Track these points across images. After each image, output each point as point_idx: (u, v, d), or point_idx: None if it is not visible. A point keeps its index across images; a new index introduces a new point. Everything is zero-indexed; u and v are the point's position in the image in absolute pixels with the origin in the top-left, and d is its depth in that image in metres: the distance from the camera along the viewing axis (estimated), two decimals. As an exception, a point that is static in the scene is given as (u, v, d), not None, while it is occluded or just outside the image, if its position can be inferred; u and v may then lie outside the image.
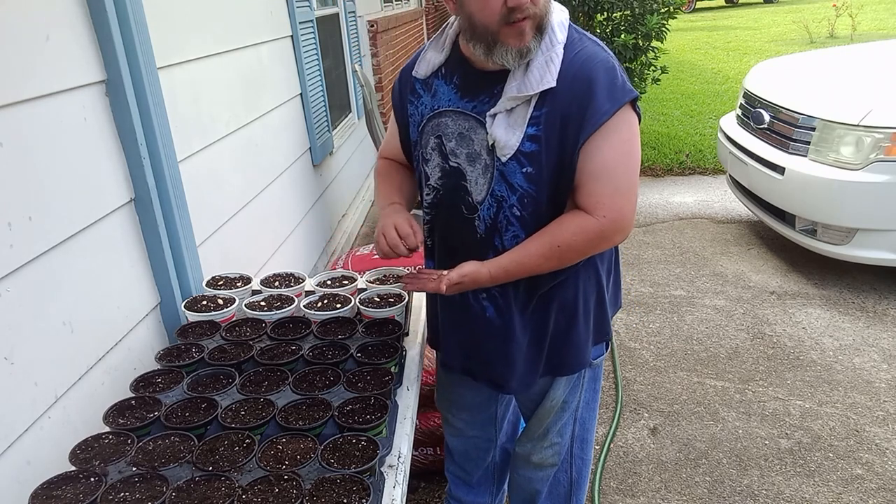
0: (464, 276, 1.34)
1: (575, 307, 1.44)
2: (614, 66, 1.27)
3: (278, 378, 1.36)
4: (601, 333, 1.52)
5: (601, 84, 1.23)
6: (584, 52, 1.26)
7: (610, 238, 1.32)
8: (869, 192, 3.14)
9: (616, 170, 1.27)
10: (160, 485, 1.07)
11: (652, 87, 5.95)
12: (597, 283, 1.47)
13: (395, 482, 1.16)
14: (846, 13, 12.05)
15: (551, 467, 1.66)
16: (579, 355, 1.49)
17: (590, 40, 1.30)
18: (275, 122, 2.90)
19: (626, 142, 1.27)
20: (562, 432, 1.61)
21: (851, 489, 2.19)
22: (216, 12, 2.31)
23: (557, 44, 1.25)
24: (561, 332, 1.46)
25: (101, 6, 1.46)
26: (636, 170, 1.31)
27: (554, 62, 1.24)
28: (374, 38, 5.43)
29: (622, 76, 1.27)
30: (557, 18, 1.28)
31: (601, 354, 1.57)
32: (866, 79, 3.77)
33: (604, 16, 5.64)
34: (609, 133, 1.25)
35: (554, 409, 1.57)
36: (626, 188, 1.29)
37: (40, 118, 1.31)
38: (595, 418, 1.66)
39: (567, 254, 1.32)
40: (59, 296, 1.32)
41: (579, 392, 1.57)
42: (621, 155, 1.27)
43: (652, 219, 4.62)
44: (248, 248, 2.48)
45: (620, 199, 1.28)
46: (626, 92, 1.25)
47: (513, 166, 1.29)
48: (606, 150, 1.25)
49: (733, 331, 3.16)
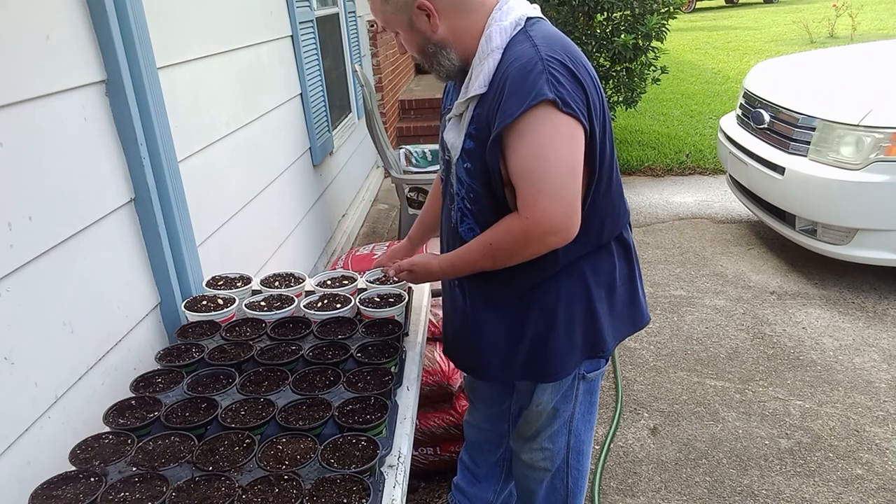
0: (413, 264, 1.49)
1: (555, 314, 1.43)
2: (532, 70, 1.23)
3: (278, 378, 1.36)
4: (594, 348, 1.49)
5: (513, 86, 1.24)
6: (514, 54, 1.28)
7: (539, 239, 1.29)
8: (869, 192, 3.14)
9: (536, 171, 1.25)
10: (160, 485, 1.07)
11: (652, 87, 5.94)
12: (585, 293, 1.44)
13: (395, 482, 1.16)
14: (846, 13, 12.05)
15: (544, 471, 1.66)
16: (558, 364, 1.47)
17: (530, 42, 1.28)
18: (275, 122, 2.90)
19: (544, 143, 1.24)
20: (553, 439, 1.61)
21: (851, 489, 2.19)
22: (216, 12, 2.31)
23: (494, 50, 1.29)
24: (540, 338, 1.45)
25: (101, 6, 1.46)
26: (564, 170, 1.25)
27: (486, 68, 1.29)
28: (374, 38, 5.43)
29: (542, 78, 1.22)
30: (508, 20, 1.30)
31: (596, 369, 1.55)
32: (866, 79, 3.77)
33: (604, 16, 5.64)
34: (523, 134, 1.25)
35: (542, 413, 1.57)
36: (551, 190, 1.25)
37: (40, 118, 1.31)
38: (591, 430, 1.65)
39: (498, 253, 1.34)
40: (59, 296, 1.32)
41: (573, 403, 1.56)
42: (538, 156, 1.25)
43: (652, 219, 4.62)
44: (248, 248, 2.48)
45: (544, 200, 1.25)
46: (535, 94, 1.22)
47: (459, 162, 1.40)
48: (522, 152, 1.26)
49: (733, 331, 3.16)
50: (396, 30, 1.38)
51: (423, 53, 1.39)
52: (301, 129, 3.32)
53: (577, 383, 1.54)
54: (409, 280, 1.56)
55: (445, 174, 1.50)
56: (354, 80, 4.54)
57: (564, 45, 1.30)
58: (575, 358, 1.49)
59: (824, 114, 3.34)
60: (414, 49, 1.39)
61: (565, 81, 1.24)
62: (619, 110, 6.01)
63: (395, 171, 3.96)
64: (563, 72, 1.25)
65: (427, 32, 1.34)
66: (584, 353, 1.49)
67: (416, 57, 1.41)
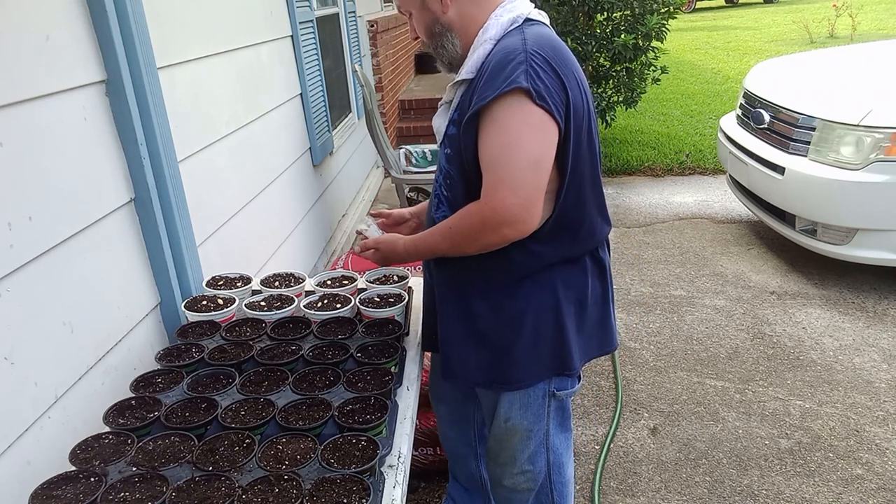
0: (379, 243, 1.53)
1: (522, 322, 1.42)
2: (513, 59, 1.24)
3: (278, 378, 1.36)
4: (562, 365, 1.46)
5: (493, 71, 1.27)
6: (503, 44, 1.31)
7: (494, 229, 1.28)
8: (869, 192, 3.14)
9: (500, 159, 1.26)
10: (160, 485, 1.07)
11: (652, 87, 5.94)
12: (554, 305, 1.42)
13: (395, 482, 1.16)
14: (846, 13, 12.05)
15: (527, 492, 1.64)
16: (520, 373, 1.46)
17: (520, 36, 1.30)
18: (275, 121, 2.90)
19: (511, 131, 1.25)
20: (533, 460, 1.58)
21: (851, 489, 2.19)
22: (216, 12, 2.31)
23: (486, 40, 1.33)
24: (504, 344, 1.44)
25: (101, 6, 1.46)
26: (528, 161, 1.25)
27: (476, 56, 1.33)
28: (374, 38, 5.43)
29: (521, 68, 1.23)
30: (507, 17, 1.33)
31: (566, 388, 1.52)
32: (866, 79, 3.77)
33: (604, 16, 5.64)
34: (493, 121, 1.26)
35: (514, 433, 1.54)
36: (511, 181, 1.25)
37: (40, 118, 1.31)
38: (569, 441, 1.63)
39: (456, 237, 1.35)
40: (59, 296, 1.32)
41: (545, 420, 1.54)
42: (504, 144, 1.25)
43: (652, 219, 4.62)
44: (248, 249, 2.48)
45: (504, 189, 1.25)
46: (510, 81, 1.22)
47: (442, 148, 1.43)
48: (491, 138, 1.27)
49: (733, 331, 3.16)
50: (410, 10, 1.41)
51: (429, 34, 1.42)
52: (301, 129, 3.32)
53: (549, 401, 1.52)
54: (374, 259, 1.56)
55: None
56: (354, 80, 4.54)
57: (554, 46, 1.30)
58: (539, 370, 1.46)
59: (824, 114, 3.34)
60: (422, 29, 1.42)
61: (544, 76, 1.24)
62: (619, 110, 6.01)
63: (395, 171, 3.96)
64: (545, 67, 1.25)
65: (437, 12, 1.38)
66: (552, 369, 1.47)
67: (424, 39, 1.44)
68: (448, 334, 1.51)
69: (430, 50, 1.45)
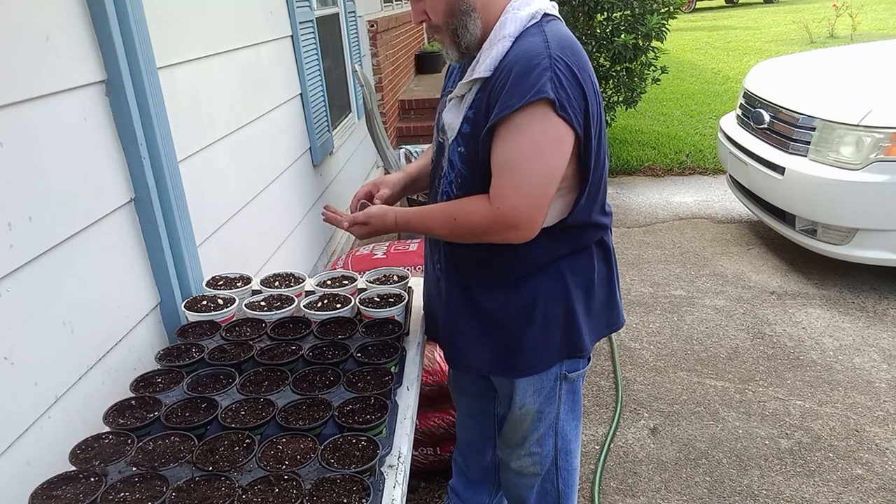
0: (370, 216, 1.47)
1: (532, 312, 1.44)
2: (538, 64, 1.24)
3: (278, 378, 1.36)
4: (573, 348, 1.50)
5: (517, 77, 1.25)
6: (524, 44, 1.28)
7: (500, 232, 1.31)
8: (869, 192, 3.14)
9: (517, 166, 1.27)
10: (160, 485, 1.07)
11: (652, 87, 5.94)
12: (563, 293, 1.45)
13: (395, 482, 1.16)
14: (846, 13, 12.06)
15: (533, 476, 1.65)
16: (533, 360, 1.48)
17: (542, 36, 1.28)
18: (275, 121, 2.89)
19: (531, 141, 1.26)
20: (541, 443, 1.60)
21: (851, 489, 2.19)
22: (216, 12, 2.31)
23: (505, 37, 1.30)
24: (515, 333, 1.46)
25: (101, 6, 1.46)
26: (543, 173, 1.27)
27: (494, 53, 1.30)
28: (374, 38, 5.43)
29: (546, 76, 1.23)
30: (525, 11, 1.31)
31: (577, 370, 1.55)
32: (866, 79, 3.77)
33: (604, 16, 5.64)
34: (515, 128, 1.26)
35: (526, 417, 1.57)
36: (528, 188, 1.27)
37: (40, 118, 1.30)
38: (578, 428, 1.65)
39: (458, 228, 1.36)
40: (59, 296, 1.32)
41: (556, 404, 1.56)
42: (524, 153, 1.26)
43: (652, 219, 4.62)
44: (248, 249, 2.47)
45: (517, 196, 1.27)
46: (536, 91, 1.22)
47: (453, 146, 1.40)
48: (511, 144, 1.27)
49: (733, 331, 3.16)
50: None
51: (452, 13, 1.33)
52: (301, 129, 3.32)
53: (560, 384, 1.54)
54: (360, 233, 1.49)
55: (436, 156, 1.50)
56: (354, 80, 4.54)
57: (574, 49, 1.30)
58: (551, 355, 1.49)
59: (824, 114, 3.35)
60: (442, 7, 1.33)
61: (567, 84, 1.25)
62: (619, 110, 6.02)
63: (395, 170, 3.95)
64: (568, 74, 1.25)
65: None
66: (564, 353, 1.50)
67: (440, 21, 1.35)
68: (459, 326, 1.52)
69: (445, 33, 1.36)
